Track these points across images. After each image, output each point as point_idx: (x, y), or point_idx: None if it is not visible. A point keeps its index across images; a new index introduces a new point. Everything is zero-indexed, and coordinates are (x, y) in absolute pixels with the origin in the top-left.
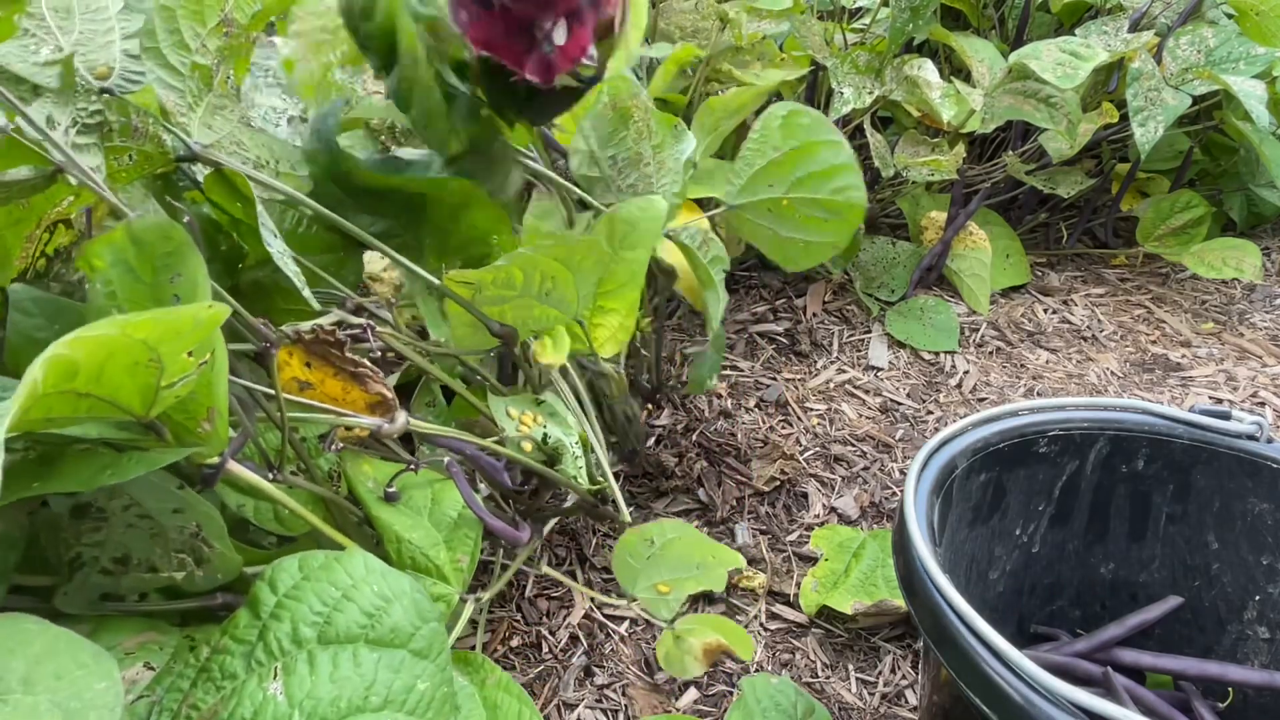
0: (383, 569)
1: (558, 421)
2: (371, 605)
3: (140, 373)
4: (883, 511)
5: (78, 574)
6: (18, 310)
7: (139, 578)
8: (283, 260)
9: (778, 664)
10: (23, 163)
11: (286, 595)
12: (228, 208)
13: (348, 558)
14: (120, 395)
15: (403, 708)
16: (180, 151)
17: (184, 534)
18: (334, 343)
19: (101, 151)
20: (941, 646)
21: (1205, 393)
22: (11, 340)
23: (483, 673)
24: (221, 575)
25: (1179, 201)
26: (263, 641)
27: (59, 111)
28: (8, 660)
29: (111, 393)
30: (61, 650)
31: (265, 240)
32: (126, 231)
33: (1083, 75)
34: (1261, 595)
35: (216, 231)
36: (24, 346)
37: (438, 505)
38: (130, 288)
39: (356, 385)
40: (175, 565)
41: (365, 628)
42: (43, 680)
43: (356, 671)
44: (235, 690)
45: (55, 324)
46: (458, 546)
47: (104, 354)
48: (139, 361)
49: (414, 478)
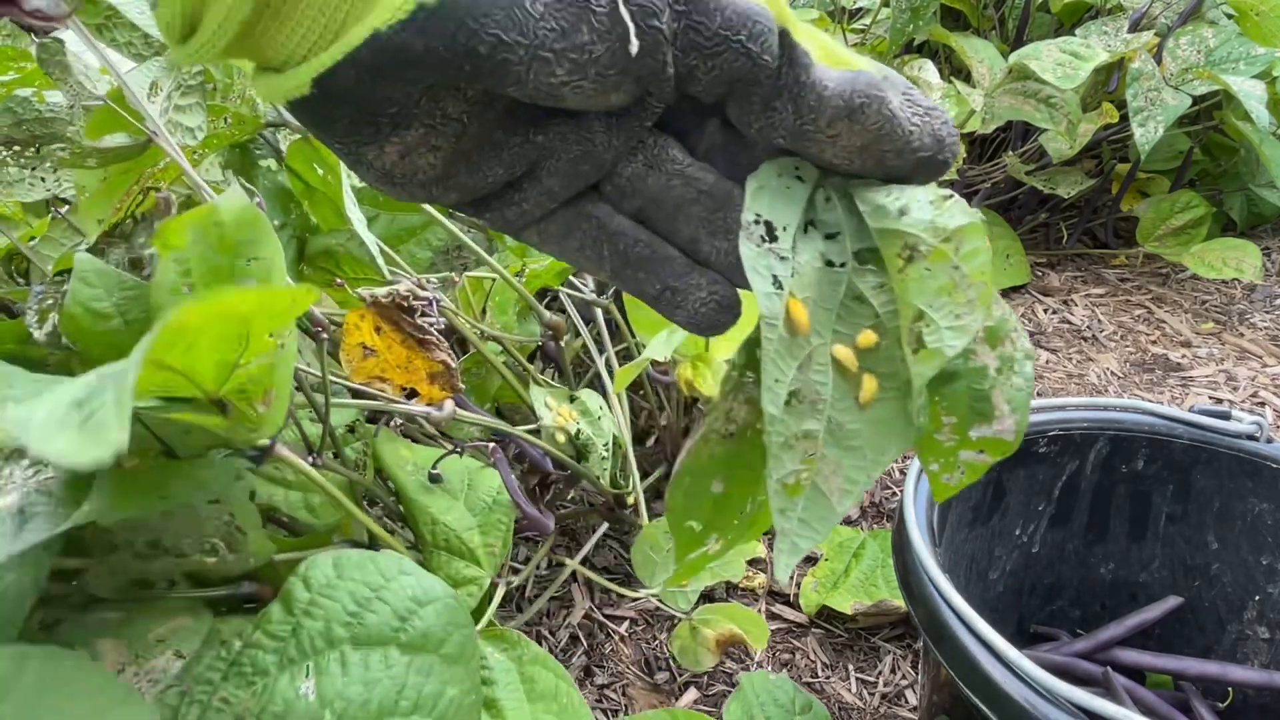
0: (416, 570)
1: (590, 420)
2: (404, 608)
3: (224, 348)
4: (883, 511)
5: (110, 557)
6: (80, 279)
7: (170, 562)
8: (362, 229)
9: (778, 664)
10: (120, 130)
11: (320, 593)
12: (306, 176)
13: (382, 557)
14: (197, 370)
15: (432, 713)
16: (270, 116)
17: (219, 521)
18: (406, 308)
19: (204, 111)
20: (941, 646)
21: (1205, 393)
22: (69, 308)
23: (519, 649)
24: (254, 560)
25: (1179, 201)
26: (296, 638)
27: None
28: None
29: (190, 366)
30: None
31: (347, 208)
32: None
33: (1083, 75)
34: (1261, 595)
35: (289, 200)
36: (81, 315)
37: (473, 490)
38: (206, 267)
39: (421, 353)
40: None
41: (398, 630)
42: None
43: (388, 674)
44: (267, 687)
45: (114, 296)
46: (491, 531)
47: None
48: (227, 337)
49: (447, 462)
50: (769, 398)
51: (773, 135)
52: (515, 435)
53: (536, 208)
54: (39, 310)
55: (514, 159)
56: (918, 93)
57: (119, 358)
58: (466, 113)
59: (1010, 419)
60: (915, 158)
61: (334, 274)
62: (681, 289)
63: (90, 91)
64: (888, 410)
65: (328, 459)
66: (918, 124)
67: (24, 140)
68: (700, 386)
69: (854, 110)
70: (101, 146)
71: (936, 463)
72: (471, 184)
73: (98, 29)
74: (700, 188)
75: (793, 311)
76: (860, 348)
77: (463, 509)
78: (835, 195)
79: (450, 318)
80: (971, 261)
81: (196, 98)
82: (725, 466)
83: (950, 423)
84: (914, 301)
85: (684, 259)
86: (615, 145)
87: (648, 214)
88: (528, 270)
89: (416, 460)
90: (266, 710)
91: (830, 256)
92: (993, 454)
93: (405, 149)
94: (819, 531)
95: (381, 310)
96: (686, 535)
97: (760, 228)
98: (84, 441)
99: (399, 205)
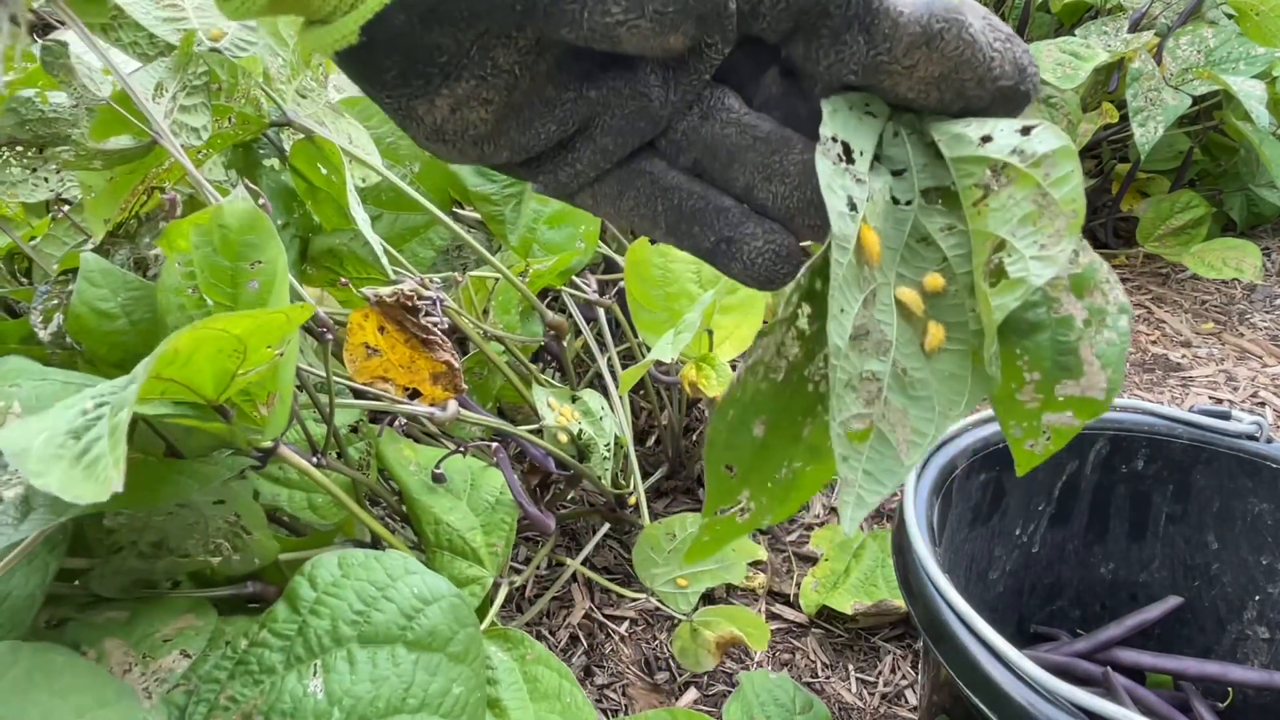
0: (422, 569)
1: (591, 420)
2: (410, 606)
3: (222, 360)
4: (883, 511)
5: (114, 557)
6: (86, 279)
7: (174, 562)
8: (367, 229)
9: (778, 664)
10: (125, 132)
11: (326, 592)
12: (309, 176)
13: (387, 556)
14: (196, 380)
15: (438, 710)
16: (274, 116)
17: (223, 522)
18: (410, 308)
19: (209, 111)
20: (941, 646)
21: (1205, 393)
22: (75, 308)
23: (522, 648)
24: (259, 560)
25: (1179, 202)
26: (302, 637)
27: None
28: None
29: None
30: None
31: (351, 207)
32: (215, 215)
33: (1083, 75)
34: (1261, 595)
35: (292, 199)
36: (86, 315)
37: (475, 490)
38: (211, 269)
39: (424, 353)
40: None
41: (404, 628)
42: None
43: (395, 672)
44: (274, 685)
45: (119, 297)
46: (494, 531)
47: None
48: (224, 351)
49: (450, 462)
50: (835, 327)
51: (843, 72)
52: (518, 435)
53: (591, 168)
54: (44, 310)
55: (567, 115)
56: (996, 18)
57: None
58: (518, 63)
59: (1101, 375)
60: (997, 86)
61: (338, 273)
62: (737, 239)
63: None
64: (955, 362)
65: (331, 459)
66: (999, 49)
67: (27, 141)
68: (705, 387)
69: (932, 36)
70: (106, 148)
71: (1019, 426)
72: (524, 141)
73: (103, 29)
74: (756, 134)
75: (865, 239)
76: (927, 291)
77: (466, 509)
78: (904, 131)
79: (454, 317)
80: (1062, 188)
81: (201, 98)
82: (769, 409)
83: (1034, 380)
84: (996, 231)
85: (740, 208)
86: (672, 100)
87: (703, 165)
88: (531, 270)
89: (420, 460)
90: (275, 708)
91: (896, 194)
92: (1081, 415)
93: (456, 102)
94: (885, 485)
95: (386, 310)
96: (722, 481)
97: (838, 146)
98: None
99: (402, 205)
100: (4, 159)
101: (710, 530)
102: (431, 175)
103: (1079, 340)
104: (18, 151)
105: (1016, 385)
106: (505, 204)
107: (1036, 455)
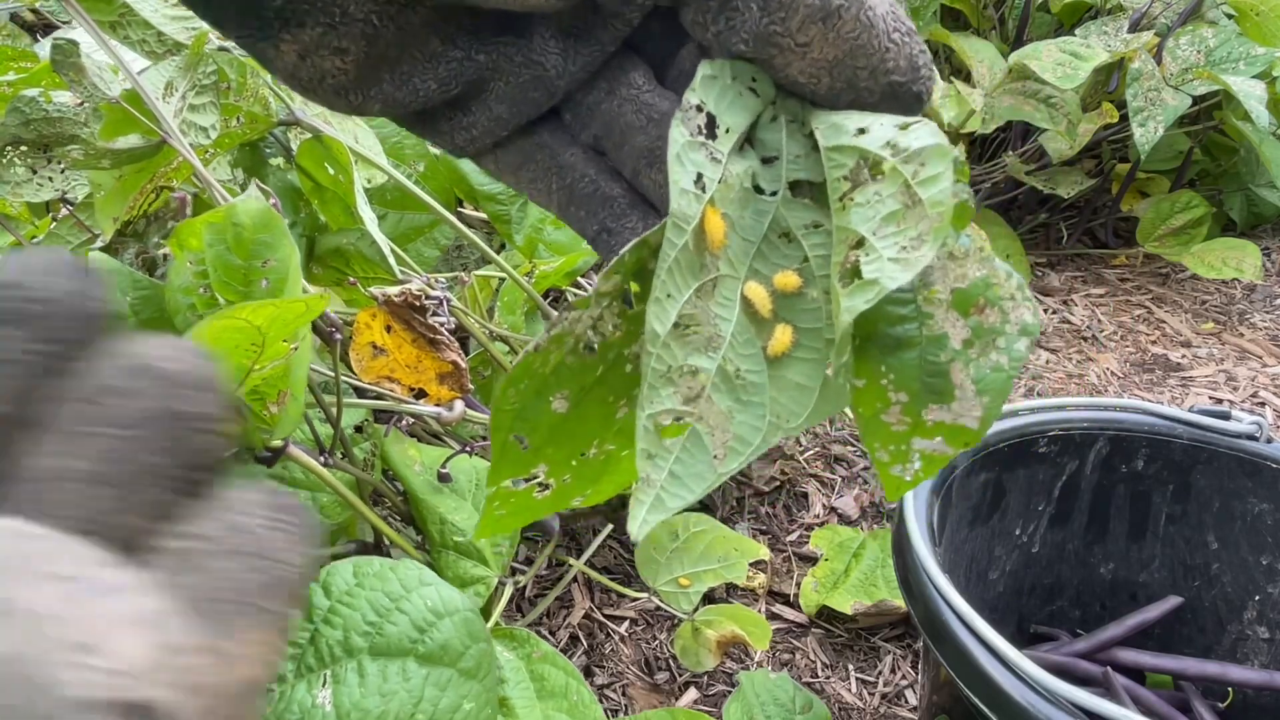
0: (436, 581)
1: None
2: (423, 619)
3: (240, 354)
4: (883, 511)
5: None
6: None
7: None
8: (374, 228)
9: (778, 664)
10: (134, 131)
11: (340, 600)
12: (316, 175)
13: (402, 566)
14: None
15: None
16: (282, 115)
17: None
18: (418, 307)
19: (218, 110)
20: (941, 646)
21: (1205, 393)
22: None
23: (528, 647)
24: None
25: (1179, 202)
26: (314, 646)
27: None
28: None
29: None
30: None
31: (358, 207)
32: (229, 213)
33: (1083, 75)
34: (1261, 595)
35: (298, 198)
36: None
37: (480, 490)
38: (224, 268)
39: (431, 352)
40: None
41: (416, 641)
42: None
43: (405, 686)
44: (283, 694)
45: (128, 296)
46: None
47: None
48: (242, 344)
49: (455, 462)
50: (655, 311)
51: (733, 39)
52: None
53: (486, 134)
54: None
55: (450, 74)
56: (901, 11)
57: None
58: (375, 13)
59: (974, 402)
60: (889, 81)
61: (344, 273)
62: (616, 230)
63: (105, 93)
64: (804, 371)
65: (337, 459)
66: (897, 40)
67: (31, 140)
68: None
69: (830, 12)
70: (115, 147)
71: (885, 450)
72: (400, 96)
73: (111, 26)
74: (652, 114)
75: (708, 222)
76: (778, 291)
77: (471, 509)
78: (785, 117)
79: (460, 317)
80: (930, 188)
81: (210, 97)
82: (574, 384)
83: (900, 401)
84: (857, 227)
85: (627, 199)
86: (571, 70)
87: (603, 143)
88: (536, 271)
89: (424, 460)
90: (283, 718)
91: (761, 182)
92: (953, 444)
93: (304, 49)
94: (691, 490)
95: (394, 309)
96: (509, 450)
97: (701, 116)
98: None
99: (407, 204)
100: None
101: (503, 502)
102: (436, 175)
103: (950, 361)
104: (22, 152)
105: (882, 406)
106: (511, 204)
107: (906, 482)
